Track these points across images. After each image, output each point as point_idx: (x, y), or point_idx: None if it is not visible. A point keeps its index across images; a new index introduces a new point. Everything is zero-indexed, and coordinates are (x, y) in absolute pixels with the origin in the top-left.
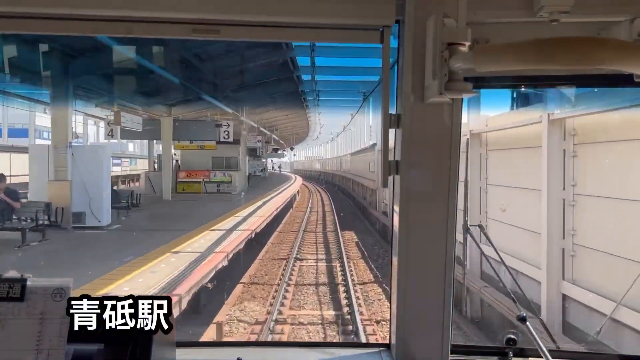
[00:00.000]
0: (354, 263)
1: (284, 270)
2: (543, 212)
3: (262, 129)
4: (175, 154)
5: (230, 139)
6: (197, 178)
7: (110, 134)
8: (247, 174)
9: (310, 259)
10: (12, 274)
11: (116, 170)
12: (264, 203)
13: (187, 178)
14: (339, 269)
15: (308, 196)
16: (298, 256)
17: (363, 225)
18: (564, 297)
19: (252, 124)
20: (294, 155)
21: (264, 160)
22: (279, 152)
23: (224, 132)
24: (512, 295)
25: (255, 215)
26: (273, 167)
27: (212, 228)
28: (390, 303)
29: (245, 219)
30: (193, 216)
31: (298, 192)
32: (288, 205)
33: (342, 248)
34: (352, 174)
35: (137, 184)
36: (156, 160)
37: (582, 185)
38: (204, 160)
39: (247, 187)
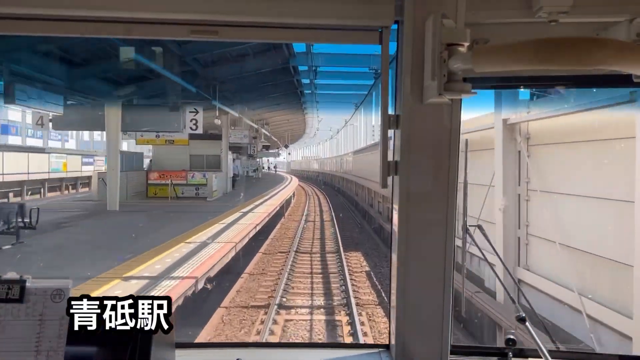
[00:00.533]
0: (369, 316)
1: (257, 335)
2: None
3: (247, 120)
4: (150, 152)
5: (200, 130)
6: (172, 180)
7: (39, 123)
8: (232, 174)
9: (302, 308)
10: (11, 275)
11: (86, 170)
12: (243, 215)
13: (159, 180)
14: (346, 329)
15: (304, 200)
16: (284, 301)
17: (373, 242)
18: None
19: (232, 112)
20: (289, 154)
21: (258, 159)
22: (271, 150)
23: (191, 121)
24: (510, 296)
25: (220, 241)
26: (269, 167)
27: (130, 272)
28: (389, 303)
29: (204, 246)
30: (119, 245)
31: (293, 194)
32: (279, 213)
33: (349, 285)
34: (354, 175)
35: (87, 188)
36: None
37: None
38: (181, 159)
39: (231, 190)
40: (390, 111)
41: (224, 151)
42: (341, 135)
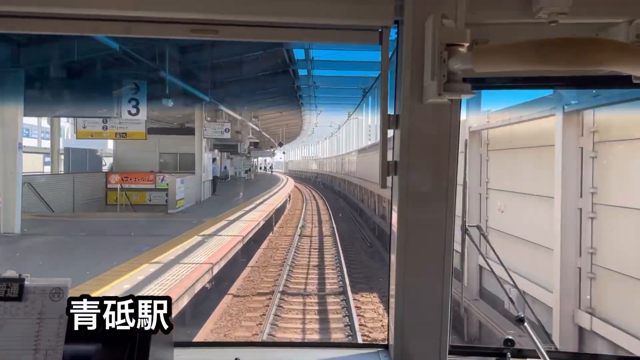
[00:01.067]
0: None
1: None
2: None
3: (223, 108)
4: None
5: (142, 115)
6: (137, 184)
7: None
8: (211, 177)
9: None
10: (10, 273)
11: (49, 172)
12: (205, 239)
13: (122, 183)
14: None
15: (300, 206)
16: None
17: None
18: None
19: (195, 92)
20: (284, 153)
21: (253, 159)
22: (265, 149)
23: (130, 102)
24: (509, 296)
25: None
26: (265, 168)
27: None
28: (388, 303)
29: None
30: None
31: (289, 197)
32: (267, 225)
33: None
34: (359, 178)
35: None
36: (64, 156)
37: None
38: (149, 157)
39: (210, 196)
40: (390, 111)
41: (198, 148)
42: (342, 132)
